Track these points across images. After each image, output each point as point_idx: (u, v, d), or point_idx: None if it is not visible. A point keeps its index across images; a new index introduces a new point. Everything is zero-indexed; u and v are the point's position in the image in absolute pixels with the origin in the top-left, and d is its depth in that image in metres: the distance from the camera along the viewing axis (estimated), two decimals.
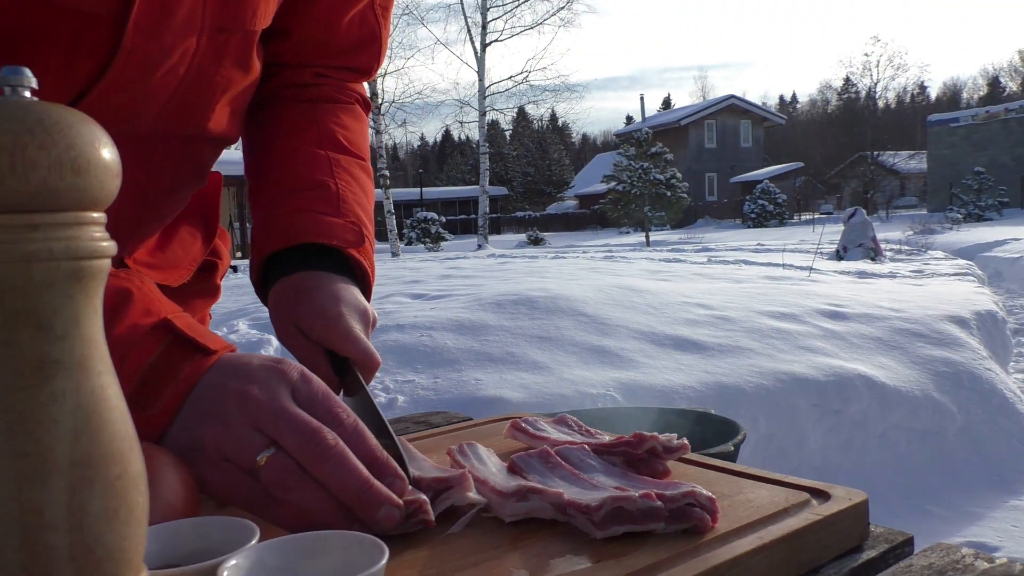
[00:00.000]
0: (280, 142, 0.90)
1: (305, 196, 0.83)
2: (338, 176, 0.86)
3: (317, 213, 0.82)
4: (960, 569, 0.57)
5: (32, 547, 0.33)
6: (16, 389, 0.33)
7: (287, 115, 0.92)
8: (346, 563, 0.46)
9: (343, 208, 0.83)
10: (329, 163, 0.87)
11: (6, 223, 0.33)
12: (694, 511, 0.58)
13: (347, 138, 0.92)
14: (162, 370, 0.56)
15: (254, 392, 0.56)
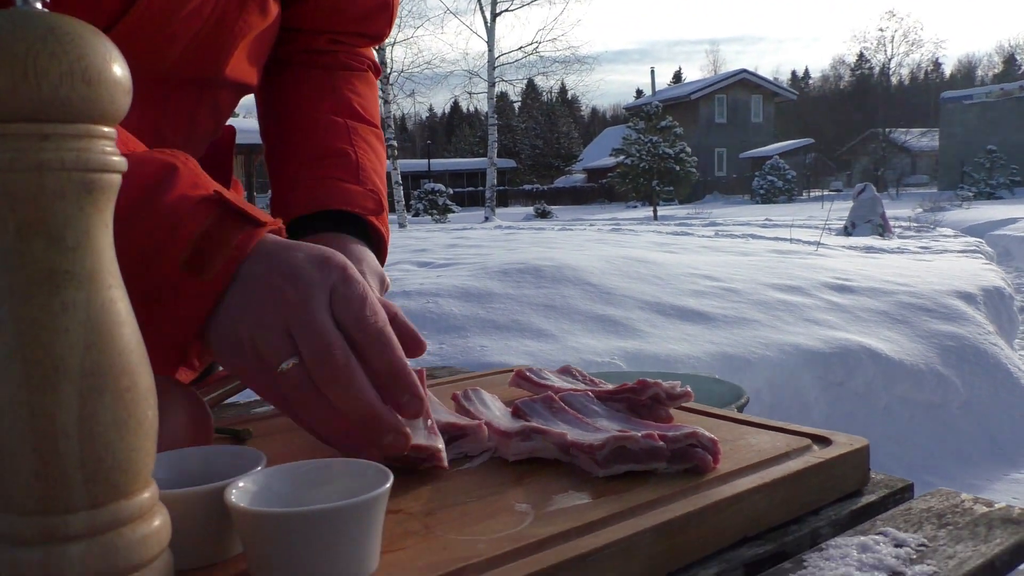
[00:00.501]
0: (299, 109, 0.92)
1: (327, 164, 0.86)
2: (356, 144, 0.89)
3: (339, 181, 0.84)
4: (959, 513, 0.58)
5: (44, 453, 0.34)
6: (28, 298, 0.34)
7: (304, 82, 0.94)
8: (351, 490, 0.47)
9: (362, 176, 0.86)
10: (348, 131, 0.90)
11: (18, 132, 0.33)
12: (696, 451, 0.58)
13: (362, 106, 0.94)
14: (214, 239, 0.56)
15: (289, 294, 0.55)
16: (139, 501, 0.37)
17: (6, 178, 0.33)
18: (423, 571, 0.44)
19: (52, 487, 0.34)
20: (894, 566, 0.49)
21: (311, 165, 0.86)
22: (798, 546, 0.55)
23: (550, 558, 0.45)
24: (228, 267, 0.55)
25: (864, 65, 60.35)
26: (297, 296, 0.55)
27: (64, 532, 0.35)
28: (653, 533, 0.49)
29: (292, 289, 0.55)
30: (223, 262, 0.55)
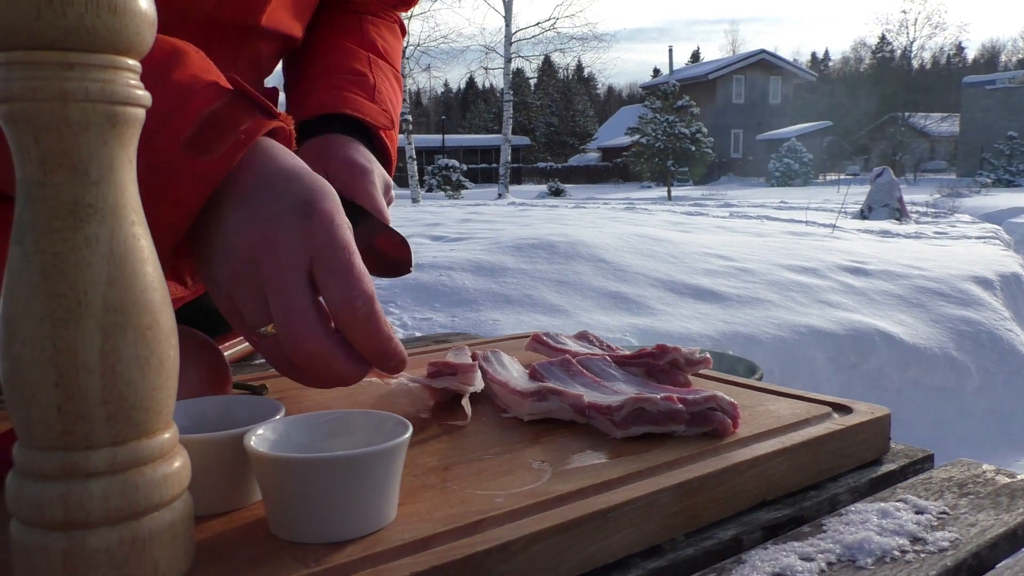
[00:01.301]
0: (324, 40, 0.93)
1: (343, 79, 0.86)
2: (375, 72, 0.89)
3: (353, 94, 0.84)
4: (981, 483, 0.57)
5: (67, 387, 0.34)
6: (51, 231, 0.34)
7: (331, 19, 0.96)
8: (370, 441, 0.47)
9: (377, 97, 0.86)
10: (368, 60, 0.90)
11: (42, 60, 0.32)
12: (715, 415, 0.58)
13: (385, 48, 0.96)
14: (222, 120, 0.53)
15: (268, 257, 0.52)
16: (160, 441, 0.37)
17: (30, 107, 0.33)
18: (440, 523, 0.44)
19: (74, 422, 0.34)
20: (915, 532, 0.49)
21: (325, 78, 0.86)
22: (817, 511, 0.55)
23: (569, 513, 0.45)
24: (233, 151, 0.52)
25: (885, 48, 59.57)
26: (275, 266, 0.52)
27: (85, 468, 0.34)
28: (672, 492, 0.49)
29: (271, 253, 0.52)
30: (227, 147, 0.52)
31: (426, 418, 0.64)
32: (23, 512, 0.35)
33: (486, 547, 0.41)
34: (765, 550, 0.47)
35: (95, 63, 0.33)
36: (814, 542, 0.48)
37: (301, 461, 0.41)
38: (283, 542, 0.42)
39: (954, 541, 0.48)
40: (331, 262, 0.52)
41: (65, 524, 0.34)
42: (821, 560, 0.46)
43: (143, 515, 0.36)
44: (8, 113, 0.33)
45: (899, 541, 0.48)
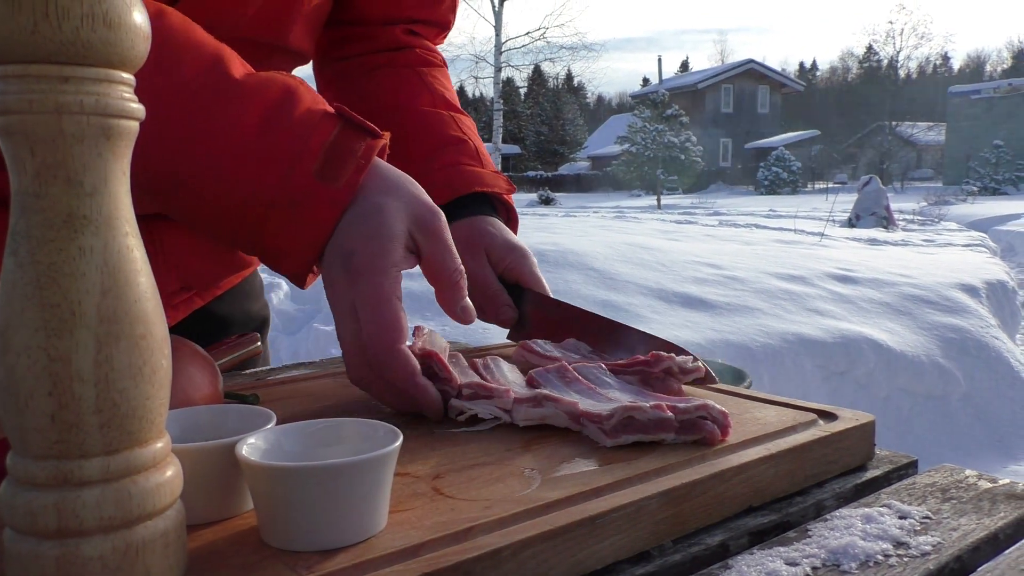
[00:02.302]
0: (399, 109, 0.95)
1: (450, 152, 0.90)
2: (466, 132, 0.94)
3: (467, 166, 0.89)
4: (963, 488, 0.58)
5: (60, 396, 0.34)
6: (46, 242, 0.34)
7: (395, 81, 0.98)
8: (361, 449, 0.47)
9: (483, 160, 0.91)
10: (454, 121, 0.94)
11: (38, 73, 0.33)
12: (705, 423, 0.58)
13: (451, 96, 1.00)
14: (341, 149, 0.61)
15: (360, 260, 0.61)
16: (153, 450, 0.37)
17: (25, 120, 0.33)
18: (431, 530, 0.44)
19: (67, 431, 0.34)
20: (898, 536, 0.50)
21: (433, 156, 0.90)
22: (802, 517, 0.55)
23: (558, 520, 0.46)
24: (355, 176, 0.61)
25: (872, 58, 60.01)
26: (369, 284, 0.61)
27: (79, 477, 0.35)
28: (660, 499, 0.50)
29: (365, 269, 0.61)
30: (351, 171, 0.61)
31: (417, 426, 0.64)
32: (17, 521, 0.35)
33: (476, 554, 0.42)
34: (752, 555, 0.48)
35: (90, 76, 0.34)
36: (799, 547, 0.49)
37: (292, 470, 0.41)
38: (275, 550, 0.43)
39: (936, 545, 0.49)
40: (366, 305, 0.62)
41: (59, 532, 0.35)
42: (806, 565, 0.46)
43: (136, 523, 0.36)
44: (4, 126, 0.34)
45: (883, 546, 0.48)
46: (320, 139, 0.60)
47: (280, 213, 0.60)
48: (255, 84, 0.61)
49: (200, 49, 0.62)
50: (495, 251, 0.84)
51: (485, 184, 0.88)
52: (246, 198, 0.60)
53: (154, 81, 0.58)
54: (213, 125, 0.59)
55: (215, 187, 0.60)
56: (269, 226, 0.61)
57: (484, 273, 0.84)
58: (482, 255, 0.84)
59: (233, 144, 0.59)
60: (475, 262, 0.84)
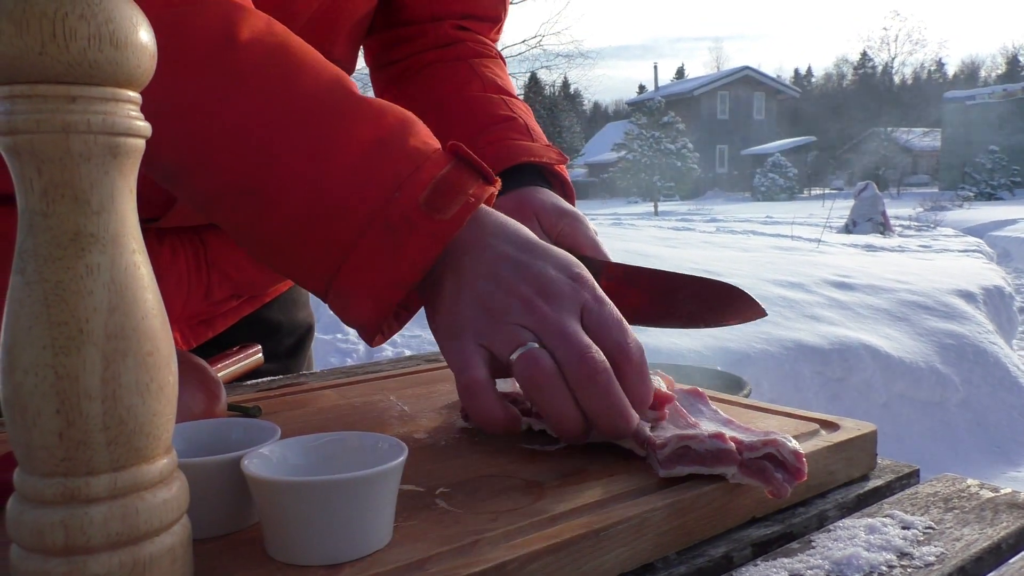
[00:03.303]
0: (449, 99, 0.93)
1: (497, 130, 0.86)
2: (516, 111, 0.90)
3: (515, 140, 0.85)
4: (965, 497, 0.58)
5: (68, 414, 0.34)
6: (53, 260, 0.34)
7: (444, 74, 0.96)
8: (366, 463, 0.47)
9: (534, 135, 0.88)
10: (505, 103, 0.92)
11: (45, 93, 0.33)
12: (773, 474, 0.52)
13: (505, 83, 0.96)
14: (452, 184, 0.57)
15: (540, 305, 0.56)
16: (159, 466, 0.37)
17: (33, 139, 0.33)
18: (436, 543, 0.44)
19: (75, 449, 0.34)
20: (901, 547, 0.50)
21: (481, 135, 0.86)
22: (805, 527, 0.55)
23: (563, 532, 0.46)
24: (463, 212, 0.56)
25: (867, 64, 60.28)
26: (551, 309, 0.56)
27: (86, 494, 0.35)
28: (664, 511, 0.50)
29: (542, 301, 0.56)
30: (459, 207, 0.56)
31: (420, 438, 0.65)
32: (23, 538, 0.35)
33: (481, 568, 0.42)
34: (756, 567, 0.48)
35: (97, 96, 0.34)
36: (803, 558, 0.49)
37: (298, 484, 0.41)
38: (280, 564, 0.43)
39: (940, 555, 0.49)
40: (600, 315, 0.57)
41: (66, 550, 0.35)
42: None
43: (143, 540, 0.36)
44: (11, 145, 0.34)
45: (886, 556, 0.48)
46: (432, 171, 0.57)
47: (372, 239, 0.55)
48: (377, 107, 0.59)
49: (321, 64, 0.60)
50: (546, 216, 0.79)
51: (533, 155, 0.84)
52: (337, 215, 0.55)
53: (265, 85, 0.57)
54: (326, 139, 0.56)
55: (304, 203, 0.56)
56: (354, 255, 0.55)
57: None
58: (532, 221, 0.78)
59: (342, 161, 0.56)
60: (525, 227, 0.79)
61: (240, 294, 0.93)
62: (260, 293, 0.97)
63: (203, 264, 0.86)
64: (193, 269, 0.84)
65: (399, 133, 0.58)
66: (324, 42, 0.82)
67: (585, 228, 0.78)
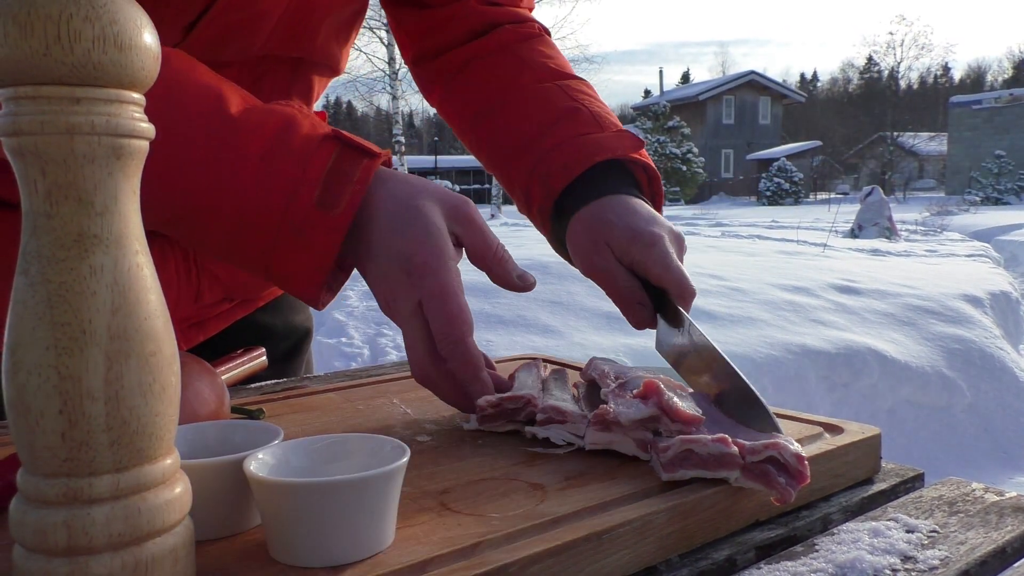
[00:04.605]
0: (502, 97, 0.87)
1: (562, 127, 0.81)
2: (578, 99, 0.84)
3: (583, 136, 0.79)
4: (970, 501, 0.58)
5: (71, 414, 0.34)
6: (57, 261, 0.34)
7: (488, 70, 0.90)
8: (368, 465, 0.47)
9: (602, 123, 0.81)
10: (563, 90, 0.85)
11: (49, 95, 0.33)
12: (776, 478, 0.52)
13: (558, 64, 0.89)
14: (339, 175, 0.61)
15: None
16: (162, 467, 0.37)
17: (37, 140, 0.34)
18: (438, 545, 0.44)
19: (78, 449, 0.35)
20: (906, 551, 0.50)
21: (544, 136, 0.81)
22: (809, 531, 0.55)
23: (565, 535, 0.46)
24: (353, 200, 0.61)
25: (873, 68, 60.17)
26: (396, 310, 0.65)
27: (89, 495, 0.35)
28: (667, 514, 0.50)
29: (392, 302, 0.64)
30: (348, 196, 0.61)
31: (423, 441, 0.65)
32: (26, 538, 0.35)
33: (483, 570, 0.42)
34: (759, 570, 0.48)
35: (101, 97, 0.34)
36: (807, 561, 0.48)
37: (300, 485, 0.41)
38: (283, 566, 0.43)
39: (944, 559, 0.49)
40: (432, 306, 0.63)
41: (68, 550, 0.35)
42: None
43: (145, 540, 0.36)
44: (16, 146, 0.34)
45: (890, 560, 0.48)
46: (319, 166, 0.61)
47: (285, 240, 0.61)
48: (256, 119, 0.62)
49: (203, 89, 0.62)
50: (616, 244, 0.73)
51: (605, 150, 0.77)
52: (255, 226, 0.61)
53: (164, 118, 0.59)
54: (220, 161, 0.61)
55: (228, 217, 0.61)
56: (276, 253, 0.62)
57: (610, 269, 0.74)
58: (605, 250, 0.74)
59: (240, 177, 0.60)
60: (600, 258, 0.74)
61: (232, 297, 0.93)
62: (253, 296, 0.96)
63: (193, 267, 0.85)
64: (183, 272, 0.83)
65: (283, 138, 0.62)
66: (300, 44, 0.81)
67: (659, 253, 0.71)
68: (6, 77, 0.33)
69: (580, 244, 0.77)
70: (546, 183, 0.79)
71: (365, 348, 3.79)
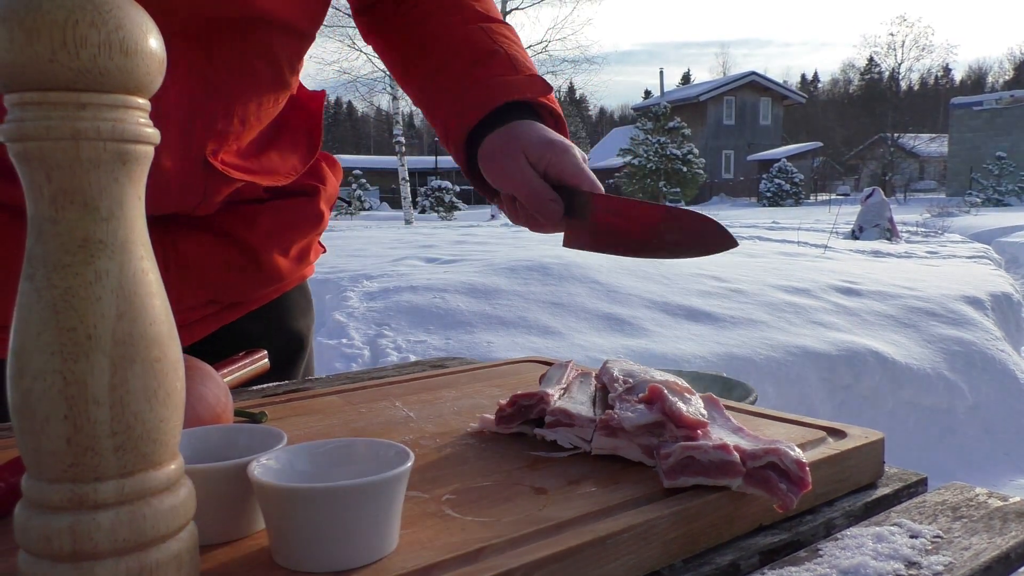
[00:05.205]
0: (432, 39, 0.92)
1: (481, 68, 0.87)
2: (498, 42, 0.90)
3: (500, 77, 0.85)
4: (974, 506, 0.58)
5: (76, 419, 0.34)
6: (62, 266, 0.34)
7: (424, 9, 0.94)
8: (372, 470, 0.47)
9: (517, 67, 0.87)
10: (486, 33, 0.91)
11: (55, 100, 0.33)
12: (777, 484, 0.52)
13: (485, 8, 0.95)
14: None
15: None
16: (167, 472, 0.37)
17: (42, 146, 0.34)
18: (442, 551, 0.44)
19: (83, 454, 0.35)
20: (909, 556, 0.50)
21: (466, 75, 0.87)
22: (813, 536, 0.55)
23: (568, 540, 0.46)
24: None
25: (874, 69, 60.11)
26: None
27: (94, 500, 0.35)
28: (670, 518, 0.50)
29: None
30: None
31: (425, 445, 0.65)
32: (31, 544, 0.35)
33: (487, 575, 0.42)
34: (762, 575, 0.48)
35: (107, 103, 0.34)
36: (810, 567, 0.48)
37: (304, 490, 0.41)
38: (286, 571, 0.43)
39: (948, 565, 0.48)
40: None
41: (73, 556, 0.35)
42: None
43: (150, 546, 0.36)
44: (22, 152, 0.34)
45: (894, 565, 0.48)
46: None
47: None
48: None
49: None
50: (532, 149, 0.79)
51: (516, 92, 0.84)
52: None
53: None
54: None
55: None
56: None
57: (523, 172, 0.79)
58: (520, 156, 0.79)
59: None
60: (513, 163, 0.80)
61: (218, 300, 0.92)
62: (242, 300, 0.95)
63: (172, 267, 0.84)
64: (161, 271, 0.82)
65: None
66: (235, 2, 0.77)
67: (572, 158, 0.79)
68: (12, 82, 0.33)
69: (494, 153, 0.81)
70: (462, 118, 0.85)
71: (366, 349, 3.79)
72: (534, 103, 0.85)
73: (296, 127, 0.96)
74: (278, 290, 1.00)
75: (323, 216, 1.01)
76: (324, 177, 1.02)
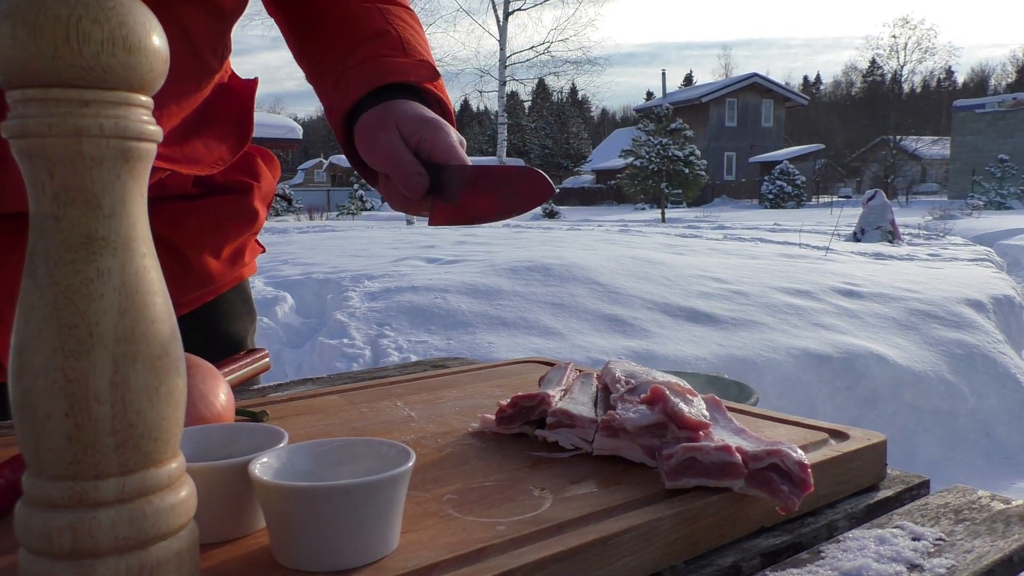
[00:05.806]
0: (326, 10, 0.90)
1: (369, 46, 0.85)
2: (392, 23, 0.88)
3: (386, 57, 0.83)
4: (976, 509, 0.58)
5: (77, 417, 0.34)
6: (64, 263, 0.34)
7: None
8: (373, 469, 0.47)
9: (408, 49, 0.85)
10: (380, 12, 0.89)
11: (58, 97, 0.33)
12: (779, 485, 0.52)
13: None
14: None
15: None
16: (168, 470, 0.37)
17: (45, 143, 0.33)
18: (443, 550, 0.44)
19: (84, 452, 0.34)
20: (912, 559, 0.49)
21: (352, 52, 0.85)
22: (815, 538, 0.55)
23: (570, 540, 0.45)
24: None
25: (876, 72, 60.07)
26: None
27: (95, 498, 0.35)
28: (672, 519, 0.49)
29: None
30: None
31: (427, 444, 0.64)
32: (31, 541, 0.35)
33: (489, 575, 0.41)
34: None
35: (110, 100, 0.34)
36: (812, 569, 0.48)
37: (305, 489, 0.41)
38: (287, 570, 0.43)
39: (951, 568, 0.48)
40: None
41: (73, 554, 0.35)
42: None
43: (150, 544, 0.36)
44: (24, 148, 0.34)
45: (896, 568, 0.48)
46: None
47: None
48: None
49: None
50: (406, 124, 0.77)
51: (402, 74, 0.82)
52: None
53: None
54: None
55: None
56: None
57: (392, 144, 0.77)
58: (392, 129, 0.77)
59: None
60: (384, 135, 0.77)
61: None
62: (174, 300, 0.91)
63: None
64: None
65: None
66: None
67: (445, 135, 0.77)
68: (15, 79, 0.33)
69: (369, 126, 0.79)
70: (345, 95, 0.82)
71: (367, 349, 3.79)
72: (422, 89, 0.83)
73: (224, 116, 0.93)
74: (212, 292, 0.97)
75: (258, 214, 0.99)
76: (259, 173, 0.99)
